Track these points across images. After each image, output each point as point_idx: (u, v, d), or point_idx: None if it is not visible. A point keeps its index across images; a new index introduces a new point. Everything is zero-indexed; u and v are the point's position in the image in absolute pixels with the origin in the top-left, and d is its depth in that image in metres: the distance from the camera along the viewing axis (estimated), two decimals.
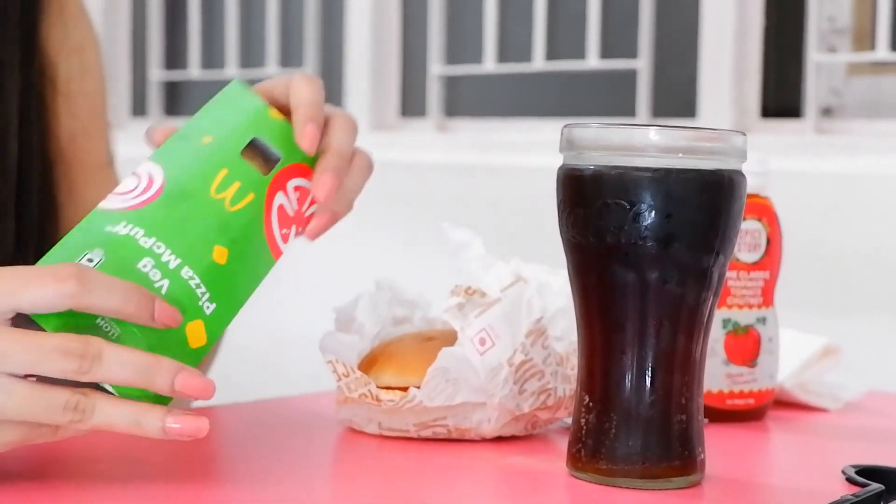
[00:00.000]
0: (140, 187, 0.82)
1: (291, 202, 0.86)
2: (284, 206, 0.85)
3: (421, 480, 0.85)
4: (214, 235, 0.81)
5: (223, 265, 0.80)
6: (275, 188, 0.85)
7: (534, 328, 0.91)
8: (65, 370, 0.72)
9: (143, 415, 0.74)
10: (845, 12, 2.49)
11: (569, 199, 0.81)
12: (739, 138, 0.80)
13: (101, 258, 0.77)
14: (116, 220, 0.80)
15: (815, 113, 2.33)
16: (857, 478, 0.82)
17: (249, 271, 0.83)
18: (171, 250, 0.79)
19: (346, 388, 0.92)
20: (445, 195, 2.59)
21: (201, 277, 0.79)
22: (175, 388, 0.74)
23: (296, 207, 0.86)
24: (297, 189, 0.87)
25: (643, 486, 0.80)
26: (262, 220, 0.84)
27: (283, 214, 0.85)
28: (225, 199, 0.82)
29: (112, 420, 0.74)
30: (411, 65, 2.91)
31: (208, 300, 0.79)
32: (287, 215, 0.86)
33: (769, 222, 1.06)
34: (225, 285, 0.80)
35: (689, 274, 0.79)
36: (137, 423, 0.74)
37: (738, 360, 1.05)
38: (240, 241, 0.82)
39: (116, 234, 0.79)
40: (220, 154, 0.84)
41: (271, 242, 0.84)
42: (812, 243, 2.12)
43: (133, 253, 0.78)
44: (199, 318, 0.79)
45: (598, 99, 2.77)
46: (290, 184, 0.86)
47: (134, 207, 0.80)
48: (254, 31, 3.19)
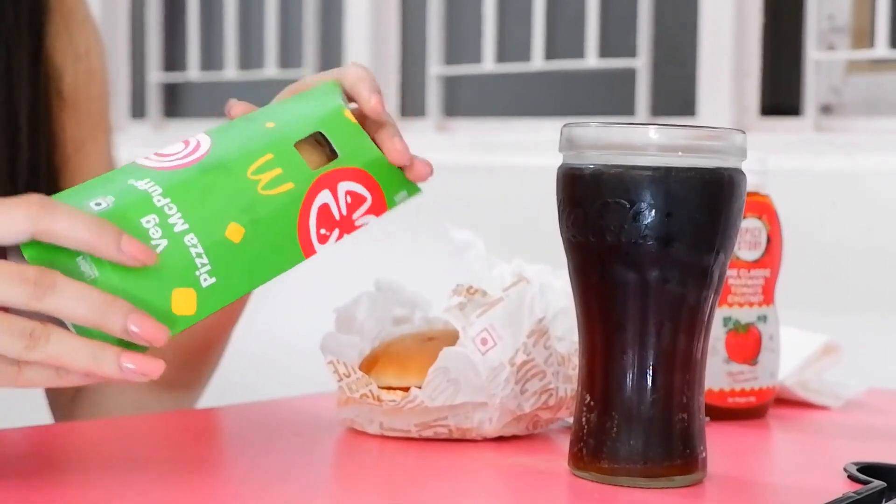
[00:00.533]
0: (181, 153, 0.81)
1: (340, 205, 0.83)
2: (329, 205, 0.83)
3: (422, 480, 0.85)
4: (235, 213, 0.79)
5: (236, 244, 0.79)
6: (321, 185, 0.83)
7: (536, 328, 0.91)
8: (17, 295, 0.71)
9: (101, 351, 0.73)
10: (844, 10, 2.49)
11: (569, 198, 0.81)
12: (739, 136, 0.80)
13: (108, 205, 0.77)
14: (141, 176, 0.79)
15: (814, 111, 2.33)
16: (858, 475, 0.82)
17: (266, 258, 0.80)
18: (181, 214, 0.77)
19: (347, 389, 0.92)
20: (445, 195, 2.58)
21: (206, 249, 0.78)
22: (129, 330, 0.73)
23: (344, 212, 0.84)
24: (350, 194, 0.84)
25: (645, 484, 0.80)
26: (296, 213, 0.81)
27: (327, 214, 0.83)
28: (260, 182, 0.80)
29: (68, 353, 0.73)
30: (410, 65, 2.91)
31: (208, 273, 0.78)
32: (331, 216, 0.83)
33: (769, 220, 1.06)
34: (232, 264, 0.79)
35: (690, 273, 0.79)
36: (94, 359, 0.73)
37: (739, 358, 1.05)
38: (261, 226, 0.80)
39: (134, 188, 0.78)
40: (271, 138, 0.83)
41: (303, 238, 0.82)
42: (812, 241, 2.12)
43: (141, 208, 0.77)
44: (191, 287, 0.77)
45: (598, 98, 2.77)
46: (342, 186, 0.84)
47: (163, 168, 0.80)
48: (253, 33, 3.19)
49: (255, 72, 3.14)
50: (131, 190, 0.78)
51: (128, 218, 0.76)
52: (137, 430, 0.97)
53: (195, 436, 0.96)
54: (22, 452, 0.82)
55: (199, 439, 0.94)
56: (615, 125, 0.80)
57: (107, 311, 0.73)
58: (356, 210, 0.84)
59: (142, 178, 0.79)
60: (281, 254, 0.81)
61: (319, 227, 0.83)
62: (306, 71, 3.03)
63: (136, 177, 0.79)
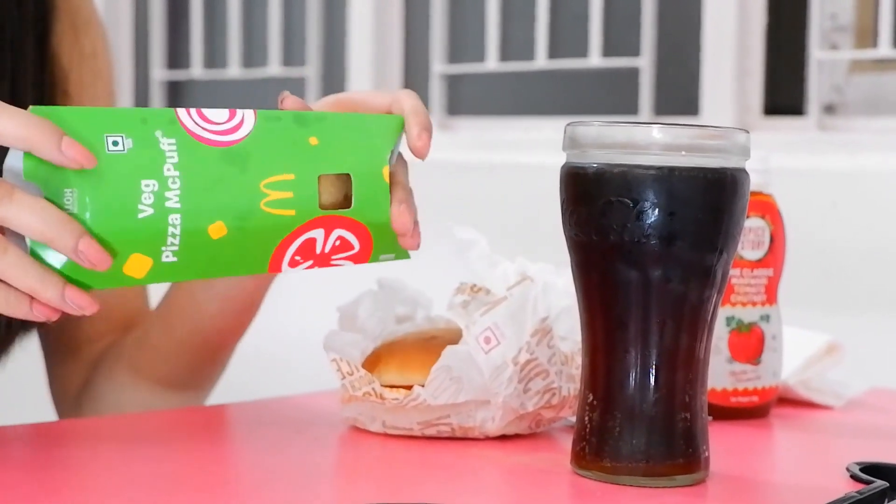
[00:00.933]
0: (219, 127, 0.80)
1: (326, 244, 0.83)
2: (316, 241, 0.83)
3: (424, 479, 0.85)
4: (228, 214, 0.79)
5: (213, 239, 0.79)
6: (319, 223, 0.82)
7: (539, 327, 0.91)
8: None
9: (49, 276, 0.75)
10: (847, 9, 2.49)
11: (572, 197, 0.81)
12: (742, 136, 0.80)
13: (123, 149, 0.76)
14: (170, 134, 0.78)
15: (817, 110, 2.33)
16: (861, 475, 0.82)
17: (232, 260, 0.81)
18: (180, 194, 0.77)
19: (350, 387, 0.92)
20: (447, 193, 2.59)
21: (183, 233, 0.77)
22: (78, 250, 0.74)
23: (326, 251, 0.84)
24: (341, 239, 0.84)
25: (647, 483, 0.80)
26: (282, 237, 0.81)
27: (310, 247, 0.83)
28: (267, 196, 0.80)
29: (20, 267, 0.75)
30: (413, 63, 2.91)
31: (172, 252, 0.78)
32: (312, 250, 0.83)
33: (772, 220, 1.06)
34: (199, 255, 0.79)
35: (693, 272, 0.79)
36: (41, 281, 0.75)
37: (741, 357, 1.05)
38: (245, 235, 0.80)
39: (156, 143, 0.77)
40: (303, 159, 0.82)
41: (276, 257, 0.82)
42: (815, 240, 2.12)
43: (149, 169, 0.77)
44: (150, 257, 0.77)
45: (601, 97, 2.77)
46: (338, 231, 0.83)
47: (193, 135, 0.79)
48: (256, 31, 3.19)
49: (259, 70, 3.14)
50: (153, 144, 0.77)
51: (130, 174, 0.76)
52: (141, 427, 0.98)
53: (198, 433, 0.96)
54: (27, 448, 0.82)
55: (202, 436, 0.95)
56: (618, 124, 0.80)
57: (61, 228, 0.74)
58: (339, 252, 0.85)
59: (170, 135, 0.78)
60: (248, 262, 0.82)
61: (296, 254, 0.83)
62: (309, 69, 3.03)
63: (165, 131, 0.78)
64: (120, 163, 0.76)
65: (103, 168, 0.76)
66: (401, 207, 0.84)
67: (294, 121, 0.83)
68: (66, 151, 0.74)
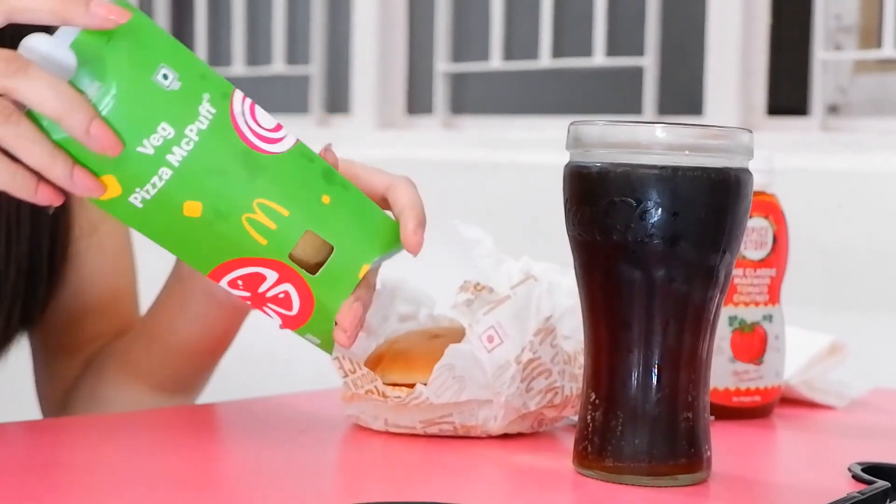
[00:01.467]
0: (261, 132, 0.81)
1: (270, 290, 0.84)
2: (265, 281, 0.84)
3: (427, 477, 0.85)
4: (210, 203, 0.80)
5: (181, 214, 0.80)
6: (277, 267, 0.83)
7: (543, 326, 0.91)
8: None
9: (59, 153, 0.76)
10: (851, 10, 2.49)
11: (575, 196, 0.81)
12: (746, 136, 0.80)
13: (167, 84, 0.78)
14: (216, 105, 0.79)
15: (821, 110, 2.33)
16: (863, 475, 0.82)
17: (185, 243, 0.82)
18: (185, 158, 0.78)
19: (352, 385, 0.92)
20: (451, 192, 2.59)
21: (161, 191, 0.79)
22: (90, 131, 0.75)
23: (267, 296, 0.84)
24: (287, 295, 0.85)
25: (649, 483, 0.80)
26: (240, 255, 0.82)
27: (255, 280, 0.83)
28: (253, 213, 0.81)
29: (31, 140, 0.75)
30: (417, 62, 2.91)
31: (142, 200, 0.79)
32: (256, 285, 0.84)
33: (775, 220, 1.06)
34: (161, 218, 0.80)
35: (696, 272, 0.79)
36: (51, 157, 0.76)
37: (744, 357, 1.05)
38: (210, 230, 0.81)
39: (198, 100, 0.79)
40: (304, 206, 0.82)
41: (222, 268, 0.83)
42: (818, 240, 2.12)
43: (176, 117, 0.78)
44: (122, 188, 0.78)
45: (605, 96, 2.77)
46: (290, 288, 0.84)
47: (234, 122, 0.80)
48: (260, 29, 3.19)
49: (263, 68, 3.14)
50: (194, 101, 0.79)
51: (160, 109, 0.78)
52: (141, 425, 0.98)
53: (200, 431, 0.96)
54: (23, 446, 0.82)
55: (204, 435, 0.95)
56: (622, 124, 0.80)
57: (74, 107, 0.75)
58: (276, 305, 0.85)
59: (214, 105, 0.79)
60: (197, 255, 0.83)
61: (240, 279, 0.83)
62: (313, 68, 3.03)
63: (213, 98, 0.79)
64: (156, 95, 0.77)
65: (139, 90, 0.77)
66: (354, 305, 0.85)
67: (322, 173, 0.84)
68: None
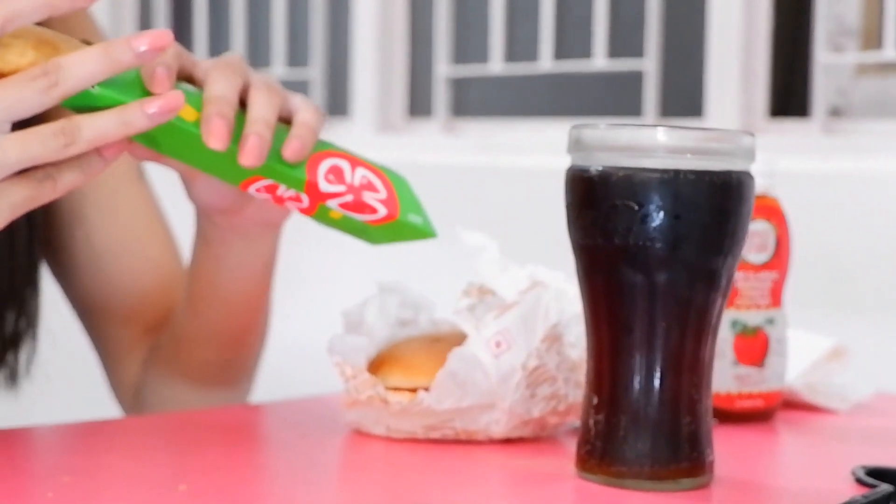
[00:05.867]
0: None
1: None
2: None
3: (429, 482, 0.85)
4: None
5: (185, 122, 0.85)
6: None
7: (549, 333, 0.91)
8: (35, 90, 0.77)
9: (125, 111, 0.79)
10: (853, 12, 2.49)
11: (577, 200, 0.81)
12: (747, 139, 0.80)
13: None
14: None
15: (822, 113, 2.33)
16: (866, 479, 0.82)
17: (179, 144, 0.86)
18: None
19: (353, 390, 0.92)
20: (452, 196, 2.59)
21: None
22: (137, 53, 0.79)
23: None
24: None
25: (652, 487, 0.80)
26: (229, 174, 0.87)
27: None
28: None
29: (101, 128, 0.79)
30: (418, 66, 2.91)
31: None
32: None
33: (777, 223, 1.06)
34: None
35: (698, 275, 0.79)
36: (123, 123, 0.79)
37: (746, 361, 1.04)
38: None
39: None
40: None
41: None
42: (820, 244, 2.12)
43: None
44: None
45: (606, 100, 2.77)
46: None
47: None
48: (260, 32, 3.19)
49: (263, 70, 3.14)
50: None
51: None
52: (143, 430, 0.97)
53: (201, 436, 0.96)
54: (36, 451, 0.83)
55: (205, 440, 0.94)
56: (623, 127, 0.80)
57: (111, 52, 0.79)
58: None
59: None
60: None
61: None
62: (314, 71, 3.03)
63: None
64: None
65: None
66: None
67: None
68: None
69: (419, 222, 0.91)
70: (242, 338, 1.11)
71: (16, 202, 0.79)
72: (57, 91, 0.77)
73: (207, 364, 1.11)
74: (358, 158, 0.90)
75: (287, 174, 0.87)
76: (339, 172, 0.88)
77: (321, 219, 0.90)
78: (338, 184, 0.88)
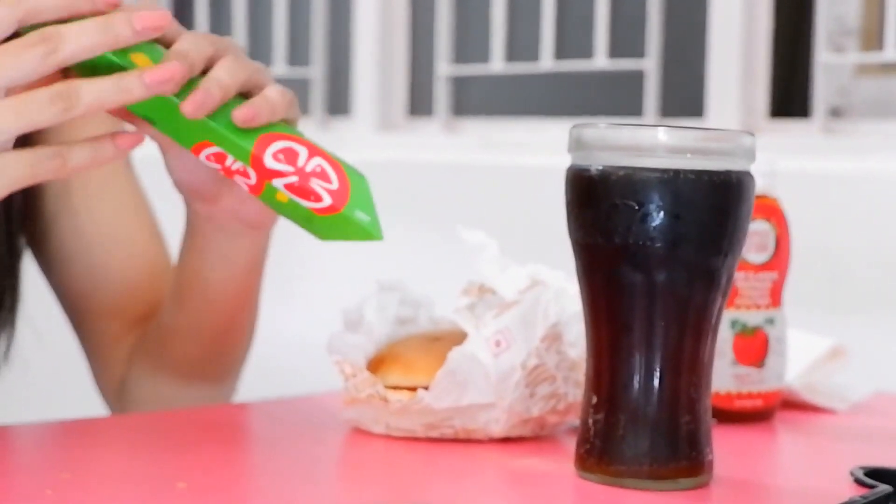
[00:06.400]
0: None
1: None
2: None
3: (428, 481, 0.85)
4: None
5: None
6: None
7: (549, 333, 0.91)
8: (32, 56, 0.77)
9: (122, 79, 0.80)
10: (853, 12, 2.49)
11: (577, 199, 0.81)
12: (748, 139, 0.80)
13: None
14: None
15: (822, 113, 2.33)
16: (865, 479, 0.82)
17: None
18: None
19: (353, 389, 0.92)
20: (453, 195, 2.59)
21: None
22: (136, 31, 0.80)
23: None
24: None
25: (651, 486, 0.80)
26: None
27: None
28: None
29: (101, 94, 0.79)
30: (418, 65, 2.91)
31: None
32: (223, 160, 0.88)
33: (777, 223, 1.06)
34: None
35: (698, 275, 0.79)
36: (121, 90, 0.80)
37: (746, 360, 1.04)
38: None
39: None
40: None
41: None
42: (820, 244, 2.12)
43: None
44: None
45: (606, 99, 2.77)
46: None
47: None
48: (261, 31, 3.19)
49: None
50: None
51: None
52: (141, 428, 0.98)
53: (199, 434, 0.96)
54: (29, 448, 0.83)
55: (204, 437, 0.94)
56: (624, 126, 0.80)
57: (112, 25, 0.80)
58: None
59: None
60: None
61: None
62: (314, 70, 3.03)
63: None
64: None
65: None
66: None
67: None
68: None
69: (365, 221, 0.88)
70: (227, 334, 1.11)
71: (15, 176, 0.79)
72: (54, 58, 0.77)
73: (191, 358, 1.11)
74: (320, 149, 0.89)
75: (234, 143, 0.86)
76: (292, 155, 0.87)
77: (269, 200, 0.88)
78: (286, 164, 0.86)
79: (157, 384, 1.13)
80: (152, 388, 1.13)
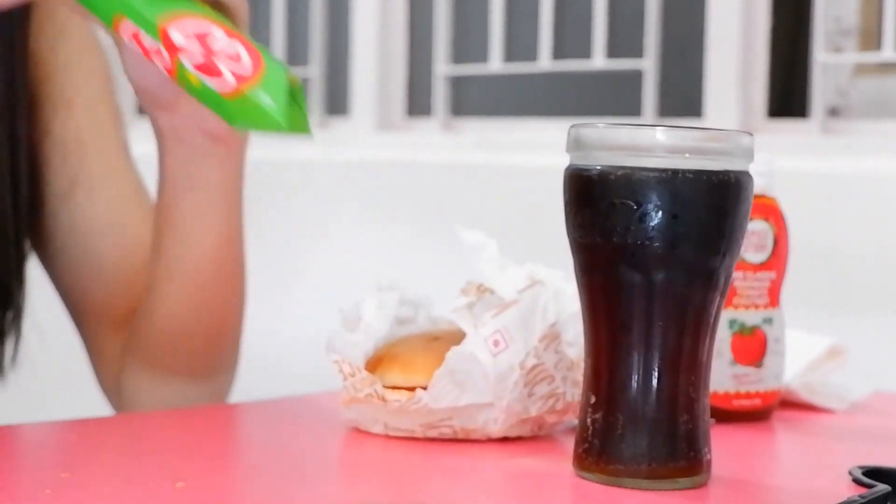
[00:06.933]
0: None
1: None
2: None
3: (427, 481, 0.85)
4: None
5: None
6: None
7: (548, 332, 0.91)
8: None
9: None
10: (852, 13, 2.49)
11: (575, 199, 0.81)
12: (746, 139, 0.80)
13: None
14: None
15: (821, 113, 2.33)
16: (863, 479, 0.82)
17: None
18: None
19: (352, 388, 0.92)
20: (451, 195, 2.59)
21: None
22: None
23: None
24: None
25: (649, 486, 0.80)
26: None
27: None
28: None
29: None
30: (417, 64, 2.91)
31: None
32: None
33: (775, 223, 1.06)
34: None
35: (696, 275, 0.79)
36: None
37: (744, 360, 1.04)
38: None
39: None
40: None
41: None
42: (818, 243, 2.12)
43: None
44: None
45: (605, 99, 2.77)
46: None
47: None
48: (259, 30, 3.19)
49: None
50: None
51: None
52: (140, 428, 0.98)
53: (198, 434, 0.96)
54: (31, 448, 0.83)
55: (202, 437, 0.95)
56: (622, 126, 0.80)
57: None
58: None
59: None
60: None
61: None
62: (313, 69, 3.03)
63: None
64: None
65: None
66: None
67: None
68: None
69: (272, 107, 0.85)
70: (211, 309, 1.09)
71: None
72: None
73: (177, 348, 1.09)
74: (242, 36, 0.87)
75: (142, 16, 0.86)
76: (204, 35, 0.85)
77: (183, 83, 0.86)
78: (195, 41, 0.85)
79: (151, 380, 1.12)
80: (146, 384, 1.13)
